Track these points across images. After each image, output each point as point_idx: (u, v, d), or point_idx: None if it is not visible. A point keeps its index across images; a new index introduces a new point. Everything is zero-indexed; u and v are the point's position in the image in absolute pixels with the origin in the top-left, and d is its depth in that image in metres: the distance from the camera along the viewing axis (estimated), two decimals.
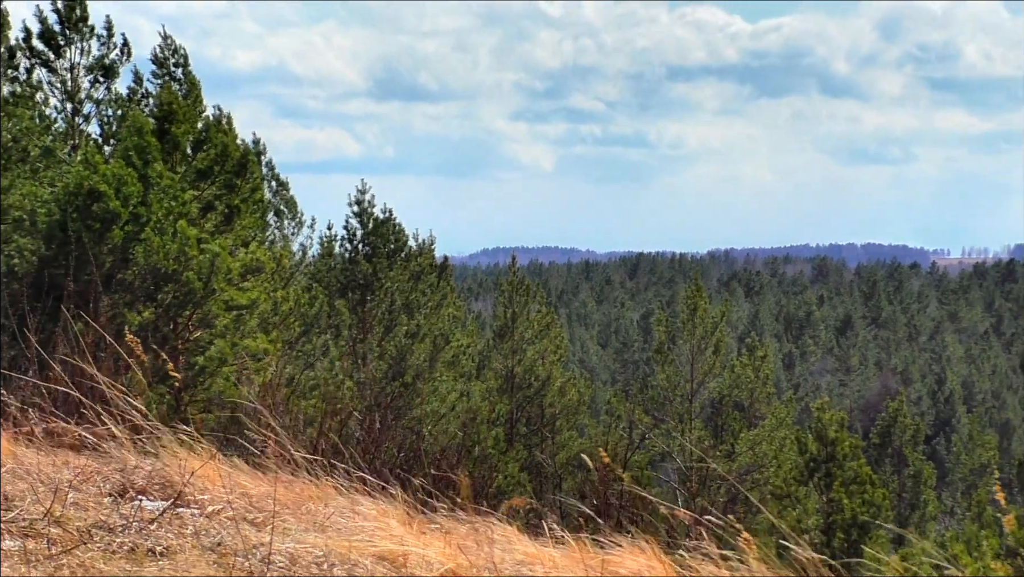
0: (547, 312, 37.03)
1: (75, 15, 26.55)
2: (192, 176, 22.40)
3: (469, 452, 27.64)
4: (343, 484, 5.77)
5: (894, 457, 48.77)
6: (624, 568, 4.91)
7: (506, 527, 5.49)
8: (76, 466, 5.90)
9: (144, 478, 5.62)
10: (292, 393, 22.78)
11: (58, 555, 4.36)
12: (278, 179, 31.64)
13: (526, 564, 4.90)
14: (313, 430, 19.47)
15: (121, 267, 20.75)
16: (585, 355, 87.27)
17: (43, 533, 4.62)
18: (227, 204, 22.52)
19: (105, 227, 20.66)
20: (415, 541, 4.88)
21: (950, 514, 52.08)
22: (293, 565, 4.51)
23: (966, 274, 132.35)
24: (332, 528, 5.13)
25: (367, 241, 31.71)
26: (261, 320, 22.57)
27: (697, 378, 32.73)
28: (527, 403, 34.61)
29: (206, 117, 23.91)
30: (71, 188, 21.57)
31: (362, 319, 30.57)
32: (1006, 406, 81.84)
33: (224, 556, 4.58)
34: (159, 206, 20.89)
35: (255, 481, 5.84)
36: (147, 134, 21.73)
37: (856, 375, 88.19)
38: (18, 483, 5.36)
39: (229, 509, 5.29)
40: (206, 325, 21.60)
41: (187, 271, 20.87)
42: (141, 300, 20.81)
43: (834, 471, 31.86)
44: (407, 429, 25.31)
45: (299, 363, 25.58)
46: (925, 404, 78.08)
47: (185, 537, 4.82)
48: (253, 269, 22.34)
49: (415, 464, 19.28)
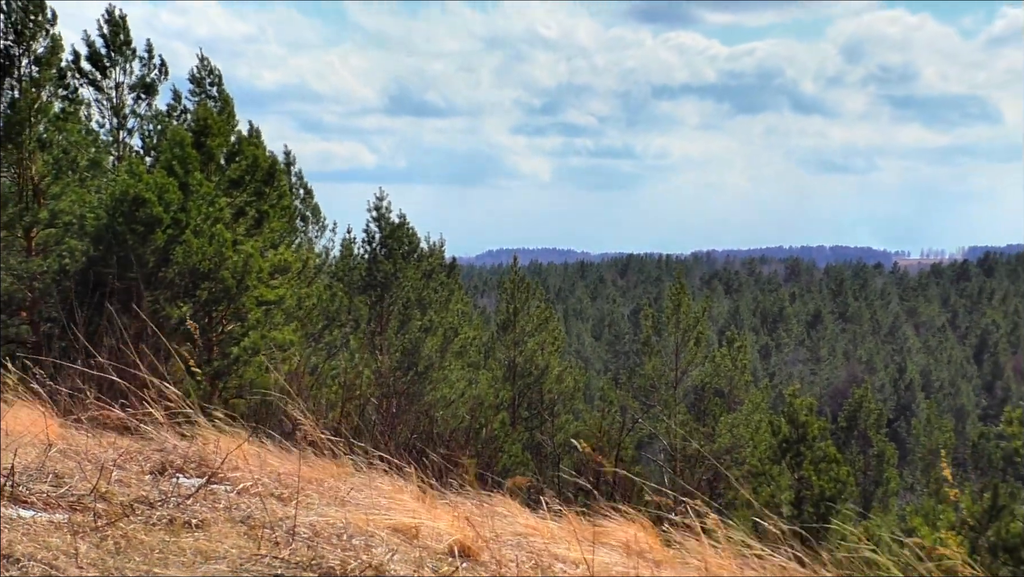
0: (546, 307, 37.03)
1: (119, 39, 26.59)
2: (226, 184, 22.42)
3: (477, 434, 27.64)
4: (361, 463, 5.77)
5: (859, 439, 48.74)
6: (614, 538, 4.90)
7: (509, 502, 5.49)
8: (120, 447, 5.90)
9: (181, 457, 5.62)
10: (316, 381, 22.79)
11: (103, 527, 4.36)
12: (306, 187, 31.68)
13: (526, 535, 4.89)
14: (335, 414, 19.49)
15: (162, 266, 20.76)
16: (580, 346, 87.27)
17: (90, 507, 4.61)
18: (257, 209, 22.56)
19: (148, 230, 20.68)
20: (427, 515, 4.88)
21: (910, 490, 52.08)
22: (316, 536, 4.50)
23: (924, 273, 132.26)
24: (351, 503, 5.12)
25: (384, 243, 31.80)
26: (287, 314, 22.59)
27: (681, 367, 32.77)
28: (528, 390, 34.63)
29: (238, 131, 23.93)
30: (117, 195, 21.59)
31: (379, 314, 30.59)
32: (960, 393, 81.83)
33: (253, 528, 4.58)
34: (197, 211, 20.91)
35: (282, 460, 5.84)
36: (187, 147, 21.75)
37: (825, 365, 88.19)
38: (67, 462, 5.36)
39: (258, 486, 5.28)
40: (239, 319, 21.63)
41: (222, 270, 20.89)
42: (180, 296, 20.82)
43: (804, 451, 31.84)
44: (420, 413, 25.32)
45: (322, 354, 25.60)
46: (887, 391, 78.07)
47: (218, 511, 4.82)
48: (281, 268, 22.38)
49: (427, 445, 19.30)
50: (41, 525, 4.34)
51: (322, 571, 4.13)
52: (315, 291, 24.91)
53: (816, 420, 33.19)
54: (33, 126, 22.65)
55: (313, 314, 24.53)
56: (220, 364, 20.79)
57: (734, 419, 31.31)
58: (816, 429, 32.54)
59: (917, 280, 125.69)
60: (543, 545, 4.68)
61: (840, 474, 31.39)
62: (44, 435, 5.91)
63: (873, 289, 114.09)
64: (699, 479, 27.37)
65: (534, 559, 4.44)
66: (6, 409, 6.84)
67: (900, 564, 4.27)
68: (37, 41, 22.88)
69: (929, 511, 22.39)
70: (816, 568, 4.35)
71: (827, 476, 31.10)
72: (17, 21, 22.77)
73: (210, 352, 20.88)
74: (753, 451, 30.94)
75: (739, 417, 31.50)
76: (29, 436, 5.91)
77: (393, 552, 4.35)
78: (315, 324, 25.13)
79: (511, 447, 28.95)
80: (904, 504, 38.34)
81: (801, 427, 32.38)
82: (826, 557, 4.44)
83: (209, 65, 27.25)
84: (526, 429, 32.89)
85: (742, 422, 31.25)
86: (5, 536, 4.09)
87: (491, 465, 24.31)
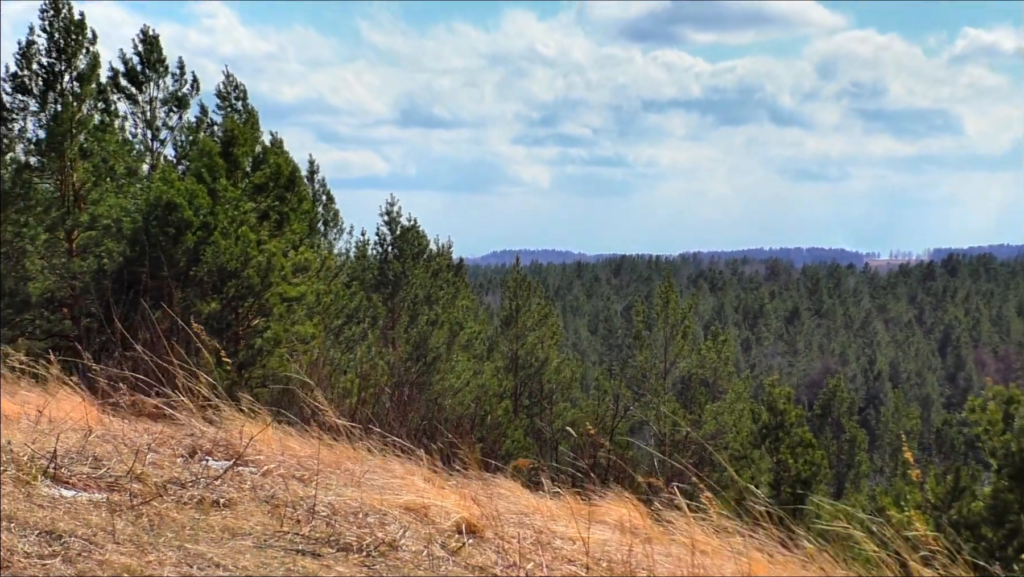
0: (545, 304, 37.01)
1: (153, 57, 26.62)
2: (251, 190, 22.42)
3: (482, 420, 27.62)
4: (376, 447, 5.77)
5: (833, 425, 48.74)
6: (608, 517, 4.90)
7: (511, 483, 5.48)
8: (154, 432, 5.90)
9: (210, 442, 5.62)
10: (334, 371, 22.78)
11: (138, 505, 4.36)
12: (328, 194, 31.70)
13: (527, 513, 4.89)
14: (351, 402, 19.47)
15: (192, 266, 20.77)
16: (577, 340, 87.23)
17: (126, 487, 4.62)
18: (279, 213, 22.56)
19: (179, 233, 20.69)
20: (436, 495, 4.88)
21: (879, 473, 52.02)
22: (334, 514, 4.50)
23: (893, 273, 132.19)
24: (366, 484, 5.12)
25: (396, 245, 31.81)
26: (309, 310, 22.60)
27: (670, 359, 32.78)
28: (529, 380, 34.65)
29: (262, 142, 23.94)
30: (151, 200, 21.61)
31: (392, 310, 30.59)
32: (926, 383, 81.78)
33: (276, 507, 4.58)
34: (224, 215, 20.92)
35: (302, 444, 5.84)
36: (214, 156, 21.77)
37: (801, 357, 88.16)
38: (105, 446, 5.36)
39: (280, 468, 5.29)
40: (263, 314, 21.63)
41: (248, 269, 20.90)
42: (209, 293, 20.83)
43: (783, 436, 31.86)
44: (429, 401, 25.30)
45: (341, 346, 25.60)
46: (859, 381, 78.01)
47: (244, 491, 4.82)
48: (301, 268, 22.37)
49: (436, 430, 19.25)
50: (81, 504, 4.34)
51: (340, 546, 4.13)
52: (335, 289, 24.92)
53: (793, 408, 33.20)
54: (74, 137, 22.67)
55: (332, 310, 24.55)
56: (245, 355, 20.81)
57: (718, 407, 31.31)
58: (793, 416, 32.55)
59: (886, 279, 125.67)
60: (543, 523, 4.68)
61: (815, 458, 31.41)
62: (84, 421, 5.91)
63: (846, 288, 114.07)
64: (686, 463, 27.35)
65: (534, 536, 4.44)
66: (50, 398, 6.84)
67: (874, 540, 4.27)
68: (78, 58, 22.90)
69: (900, 491, 22.39)
70: (794, 543, 4.35)
71: (803, 459, 31.12)
72: (60, 40, 22.80)
73: (236, 344, 20.90)
74: (736, 436, 30.96)
75: (723, 405, 31.50)
76: (71, 422, 5.92)
77: (405, 529, 4.36)
78: (335, 319, 25.14)
79: (513, 433, 28.94)
80: (874, 485, 38.33)
81: (779, 414, 32.39)
82: (802, 532, 4.44)
83: (235, 81, 27.28)
84: (527, 416, 32.91)
85: (726, 410, 31.25)
86: (49, 513, 4.09)
87: (495, 449, 24.28)
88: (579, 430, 5.28)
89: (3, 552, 3.64)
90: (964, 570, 4.00)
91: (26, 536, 3.81)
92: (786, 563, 4.19)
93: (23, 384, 7.91)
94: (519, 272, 36.52)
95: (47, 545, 3.76)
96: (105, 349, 11.09)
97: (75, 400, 6.68)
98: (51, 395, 6.89)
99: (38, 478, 4.60)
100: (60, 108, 22.68)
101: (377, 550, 4.10)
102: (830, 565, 4.24)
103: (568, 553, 4.26)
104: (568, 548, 4.32)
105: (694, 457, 29.15)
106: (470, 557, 4.12)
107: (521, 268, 37.43)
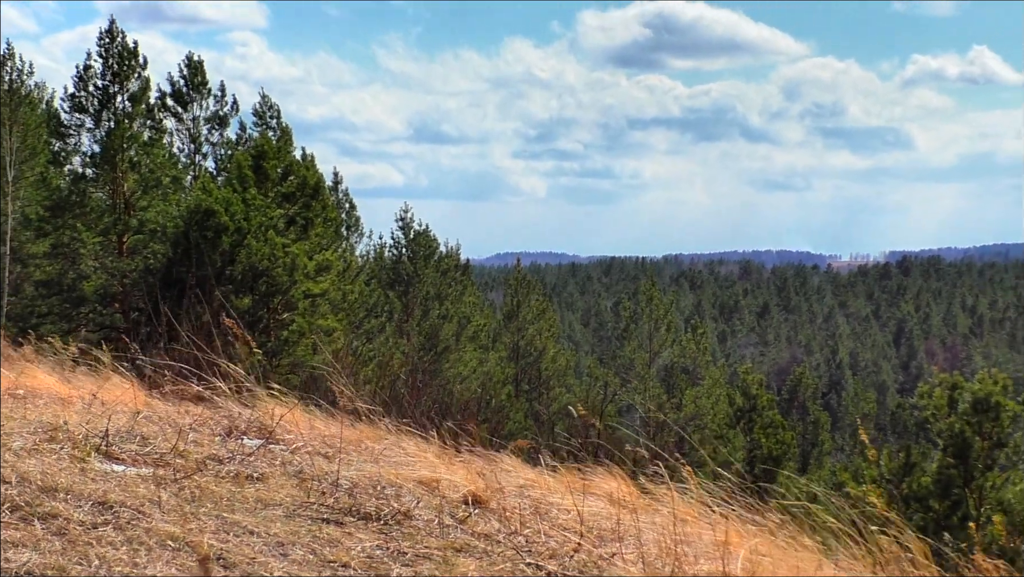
0: (543, 301, 37.02)
1: (197, 80, 26.61)
2: (279, 198, 22.43)
3: (487, 404, 27.62)
4: (392, 428, 5.76)
5: (799, 408, 48.71)
6: (599, 489, 4.89)
7: (513, 460, 5.48)
8: (195, 414, 5.90)
9: (245, 423, 5.62)
10: (356, 359, 22.77)
11: (181, 479, 4.36)
12: (351, 202, 31.71)
13: (527, 486, 4.89)
14: (371, 387, 19.45)
15: (228, 265, 20.78)
16: (571, 333, 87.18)
17: (170, 463, 4.62)
18: (305, 219, 22.57)
19: (217, 236, 20.71)
20: (446, 470, 4.87)
21: (840, 450, 51.96)
22: (355, 487, 4.50)
23: (853, 273, 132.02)
24: (384, 460, 5.12)
25: (409, 248, 31.80)
26: (333, 305, 22.62)
27: (654, 349, 32.76)
28: (528, 368, 34.64)
29: (292, 156, 23.94)
30: (192, 207, 21.63)
31: (406, 305, 30.59)
32: (882, 371, 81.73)
33: (304, 480, 4.58)
34: (256, 220, 20.94)
35: (327, 425, 5.83)
36: (244, 168, 21.79)
37: (771, 348, 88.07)
38: (152, 426, 5.36)
39: (307, 446, 5.28)
40: (290, 308, 21.65)
41: (276, 268, 20.91)
42: (243, 290, 20.85)
43: (755, 418, 31.84)
44: (440, 386, 25.30)
45: (362, 338, 25.61)
46: (822, 369, 77.92)
47: (275, 466, 4.82)
48: (324, 267, 22.39)
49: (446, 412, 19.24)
50: (130, 478, 4.34)
51: (360, 516, 4.13)
52: (357, 287, 24.93)
53: (764, 393, 33.20)
54: (126, 151, 22.69)
55: (355, 306, 24.56)
56: (275, 345, 20.83)
57: (697, 392, 31.30)
58: (764, 400, 32.55)
59: (847, 279, 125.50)
60: (541, 495, 4.68)
61: (784, 437, 31.40)
62: (133, 404, 5.91)
63: (811, 286, 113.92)
64: (668, 441, 27.33)
65: (534, 506, 4.44)
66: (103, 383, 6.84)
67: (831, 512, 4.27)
68: (130, 81, 22.94)
69: (857, 467, 22.37)
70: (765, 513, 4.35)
71: (773, 439, 31.11)
72: (114, 65, 22.82)
73: (268, 335, 20.91)
74: (713, 418, 30.94)
75: (701, 390, 31.49)
76: (121, 405, 5.92)
77: (418, 500, 4.35)
78: (357, 314, 25.15)
79: (515, 414, 28.96)
80: (836, 462, 38.29)
81: (752, 399, 32.39)
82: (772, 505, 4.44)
83: (269, 101, 27.29)
84: (527, 400, 32.91)
85: (704, 394, 31.24)
86: (101, 486, 4.09)
87: (498, 429, 24.29)
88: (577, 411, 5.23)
89: (60, 520, 3.64)
90: (914, 538, 3.99)
91: (81, 506, 3.82)
92: (758, 532, 4.19)
93: (79, 371, 7.91)
94: (520, 272, 36.53)
95: (100, 514, 3.76)
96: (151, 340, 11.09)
97: (125, 385, 6.68)
98: (103, 381, 6.89)
99: (92, 455, 4.60)
100: (113, 125, 22.70)
101: (393, 519, 4.10)
102: (796, 533, 4.24)
103: (563, 522, 4.25)
104: (563, 517, 4.32)
105: (676, 436, 29.15)
106: (476, 525, 4.12)
107: (521, 268, 37.44)
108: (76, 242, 22.47)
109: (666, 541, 3.94)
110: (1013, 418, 17.55)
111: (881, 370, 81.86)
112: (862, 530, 4.08)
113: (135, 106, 22.93)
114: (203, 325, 6.66)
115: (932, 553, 4.08)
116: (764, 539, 4.13)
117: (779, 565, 3.92)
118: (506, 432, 24.94)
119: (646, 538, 4.07)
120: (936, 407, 17.80)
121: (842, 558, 4.11)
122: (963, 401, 17.64)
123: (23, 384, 6.83)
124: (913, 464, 18.56)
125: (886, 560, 4.02)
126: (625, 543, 4.00)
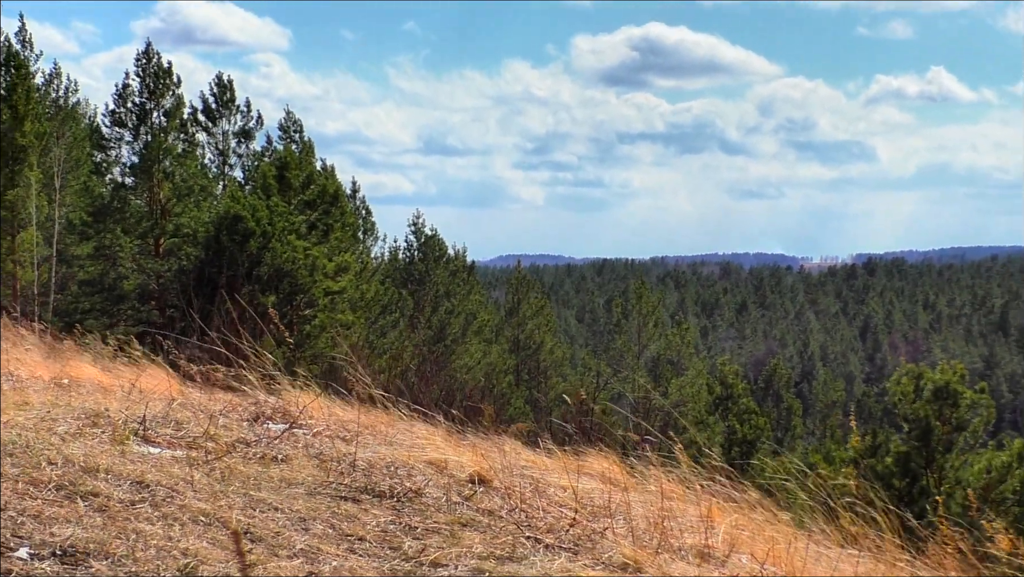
0: (541, 298, 37.02)
1: (226, 97, 26.58)
2: (301, 205, 22.42)
3: (490, 391, 27.62)
4: (404, 413, 5.75)
5: (773, 396, 48.69)
6: (593, 470, 4.89)
7: (514, 443, 5.47)
8: (225, 400, 5.89)
9: (270, 409, 5.61)
10: (371, 352, 22.75)
11: (212, 460, 4.35)
12: (367, 209, 31.67)
13: (527, 467, 4.88)
14: (385, 376, 19.45)
15: (255, 267, 20.78)
16: (567, 327, 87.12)
17: (202, 446, 4.61)
18: (325, 224, 22.56)
19: (244, 240, 20.70)
20: (453, 452, 4.87)
21: (811, 434, 51.98)
22: (371, 468, 4.49)
23: (823, 274, 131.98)
24: (397, 443, 5.11)
25: (420, 250, 31.78)
26: (351, 303, 22.61)
27: (642, 343, 32.76)
28: (528, 359, 34.63)
29: (313, 167, 23.93)
30: (221, 214, 21.62)
31: (417, 302, 30.58)
32: (849, 362, 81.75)
33: (324, 462, 4.57)
34: (280, 225, 20.93)
35: (345, 411, 5.82)
36: (269, 178, 21.78)
37: (749, 341, 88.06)
38: (185, 412, 5.36)
39: (327, 430, 5.28)
40: (311, 305, 21.64)
41: (298, 269, 20.91)
42: (269, 289, 20.85)
43: (732, 406, 31.83)
44: (448, 376, 25.31)
45: (377, 332, 25.61)
46: (795, 360, 77.92)
47: (298, 449, 4.81)
48: (343, 268, 22.38)
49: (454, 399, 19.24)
50: (165, 459, 4.34)
51: (375, 494, 4.13)
52: (373, 286, 24.93)
53: (741, 382, 33.18)
54: (161, 162, 22.70)
55: (371, 303, 24.56)
56: (297, 338, 20.83)
57: (681, 381, 31.28)
58: (741, 389, 32.54)
59: (817, 279, 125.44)
60: (540, 475, 4.67)
61: (759, 423, 31.38)
62: (168, 392, 5.91)
63: (785, 285, 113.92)
64: (654, 425, 27.32)
65: (533, 485, 4.43)
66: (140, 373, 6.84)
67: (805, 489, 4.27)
68: (165, 98, 22.94)
69: (828, 450, 22.38)
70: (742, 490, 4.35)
71: (749, 424, 31.10)
72: (151, 83, 22.82)
73: (291, 330, 20.90)
74: (695, 405, 30.92)
75: (685, 380, 31.47)
76: (157, 393, 5.91)
77: (428, 480, 4.35)
78: (372, 311, 25.15)
79: (515, 401, 28.97)
80: (807, 445, 38.27)
81: (730, 387, 32.37)
82: (749, 485, 4.43)
83: (293, 117, 27.26)
84: (527, 388, 32.91)
85: (687, 384, 31.22)
86: (138, 467, 4.09)
87: (500, 415, 24.29)
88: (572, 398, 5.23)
89: (101, 498, 3.64)
90: (880, 514, 3.99)
91: (120, 485, 3.81)
92: (737, 508, 4.19)
93: (119, 362, 7.90)
94: (520, 272, 36.54)
95: (137, 493, 3.76)
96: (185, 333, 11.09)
97: (161, 375, 6.67)
98: (141, 371, 6.89)
99: (130, 438, 4.59)
100: (150, 139, 22.70)
101: (406, 496, 4.09)
102: (772, 510, 4.24)
103: (560, 499, 4.25)
104: (560, 495, 4.31)
105: (662, 421, 29.15)
106: (481, 502, 4.12)
107: (521, 269, 37.44)
108: (116, 245, 22.49)
109: (653, 516, 3.93)
110: (970, 405, 17.56)
111: (849, 362, 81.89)
112: (833, 508, 4.08)
113: (170, 121, 22.93)
114: (232, 321, 6.66)
115: (901, 528, 4.08)
116: (743, 515, 4.13)
117: (756, 538, 3.91)
118: (507, 417, 24.95)
119: (635, 513, 4.07)
120: (903, 393, 17.83)
121: (815, 532, 4.11)
122: (927, 389, 17.68)
123: (68, 374, 6.83)
124: (877, 446, 18.57)
125: (854, 535, 4.02)
126: (616, 518, 3.99)
